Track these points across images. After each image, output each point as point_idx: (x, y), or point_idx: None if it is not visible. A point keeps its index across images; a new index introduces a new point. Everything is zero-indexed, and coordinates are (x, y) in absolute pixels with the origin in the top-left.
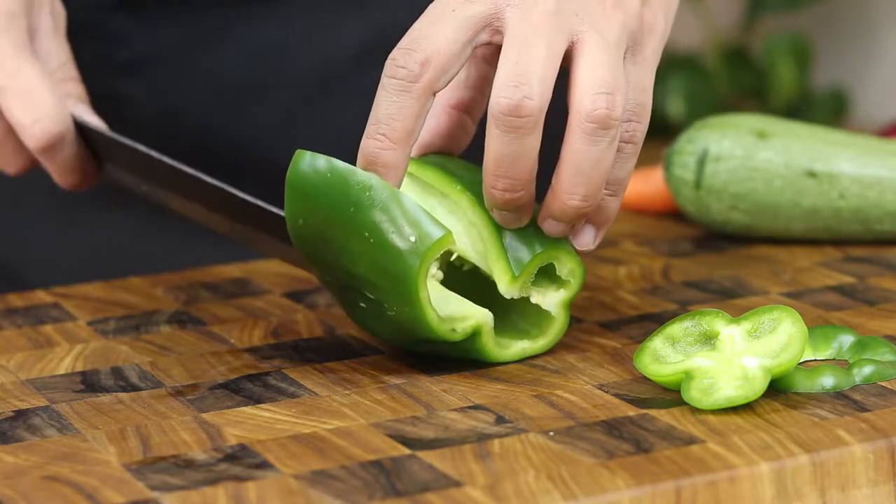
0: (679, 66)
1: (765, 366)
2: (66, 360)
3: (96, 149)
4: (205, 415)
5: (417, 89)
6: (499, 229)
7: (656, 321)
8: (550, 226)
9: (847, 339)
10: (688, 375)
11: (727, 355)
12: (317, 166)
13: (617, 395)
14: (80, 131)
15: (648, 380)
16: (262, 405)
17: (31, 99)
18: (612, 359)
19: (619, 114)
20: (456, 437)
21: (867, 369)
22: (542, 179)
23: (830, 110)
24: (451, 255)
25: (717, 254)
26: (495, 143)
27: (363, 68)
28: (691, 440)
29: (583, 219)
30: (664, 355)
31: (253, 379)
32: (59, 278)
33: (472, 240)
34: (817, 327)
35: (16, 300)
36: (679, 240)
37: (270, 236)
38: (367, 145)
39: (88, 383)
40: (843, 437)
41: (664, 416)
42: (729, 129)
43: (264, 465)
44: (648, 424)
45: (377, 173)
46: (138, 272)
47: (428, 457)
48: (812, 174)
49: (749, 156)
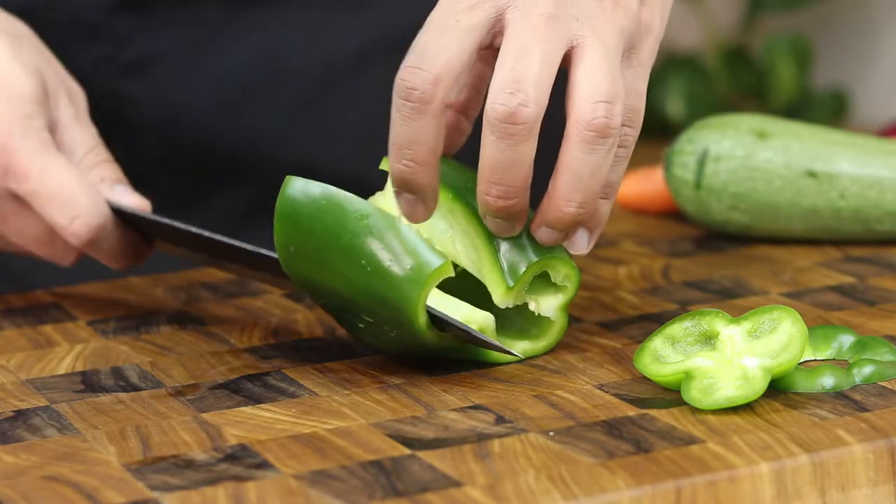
0: (679, 66)
1: (765, 366)
2: (66, 360)
3: (141, 228)
4: (205, 415)
5: (433, 110)
6: (492, 239)
7: (656, 321)
8: (544, 234)
9: (847, 339)
10: (688, 375)
11: (727, 355)
12: (310, 193)
13: (617, 395)
14: (121, 216)
15: (648, 380)
16: (262, 405)
17: (64, 199)
18: (612, 359)
19: (617, 122)
20: (456, 437)
21: (867, 369)
22: (535, 187)
23: (830, 110)
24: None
25: (717, 254)
26: (490, 149)
27: (364, 68)
28: (691, 440)
29: (578, 226)
30: (664, 355)
31: (253, 379)
32: (59, 278)
33: (465, 248)
34: (817, 327)
35: (16, 300)
36: (679, 240)
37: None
38: (397, 170)
39: (88, 383)
40: (843, 437)
41: (664, 416)
42: (729, 129)
43: (264, 465)
44: (648, 424)
45: (412, 193)
46: (138, 272)
47: (428, 457)
48: (812, 174)
49: (749, 156)
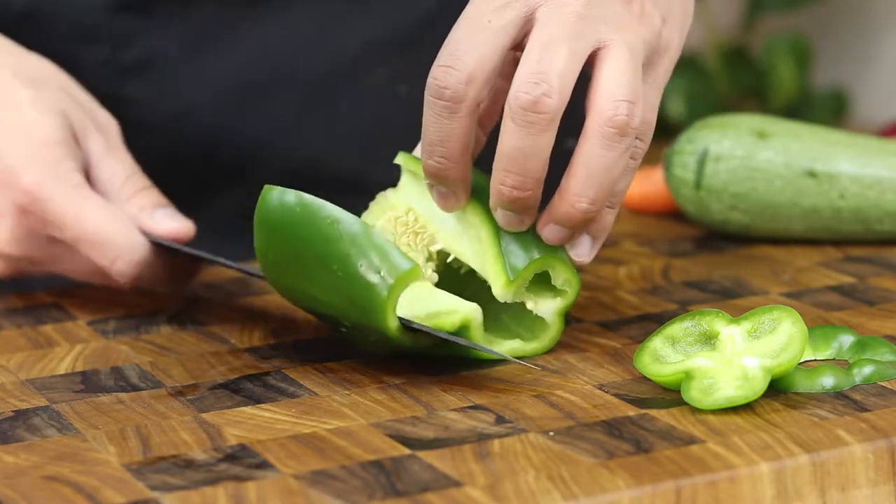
0: (679, 66)
1: (765, 366)
2: (66, 360)
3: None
4: (205, 415)
5: (465, 108)
6: (497, 233)
7: (656, 321)
8: (552, 231)
9: (847, 339)
10: (688, 375)
11: (727, 355)
12: (285, 201)
13: (617, 395)
14: (160, 246)
15: (648, 380)
16: (262, 405)
17: (102, 242)
18: (612, 359)
19: (636, 123)
20: (456, 437)
21: (867, 369)
22: (543, 191)
23: (830, 110)
24: (447, 256)
25: (717, 254)
26: (510, 137)
27: (367, 67)
28: (691, 440)
29: (585, 226)
30: (664, 355)
31: (253, 379)
32: (59, 278)
33: (469, 241)
34: (817, 327)
35: (16, 300)
36: (679, 240)
37: None
38: (430, 167)
39: (88, 383)
40: (843, 437)
41: (664, 416)
42: (729, 129)
43: (264, 465)
44: (648, 424)
45: (445, 187)
46: None
47: (428, 457)
48: (812, 174)
49: (749, 156)
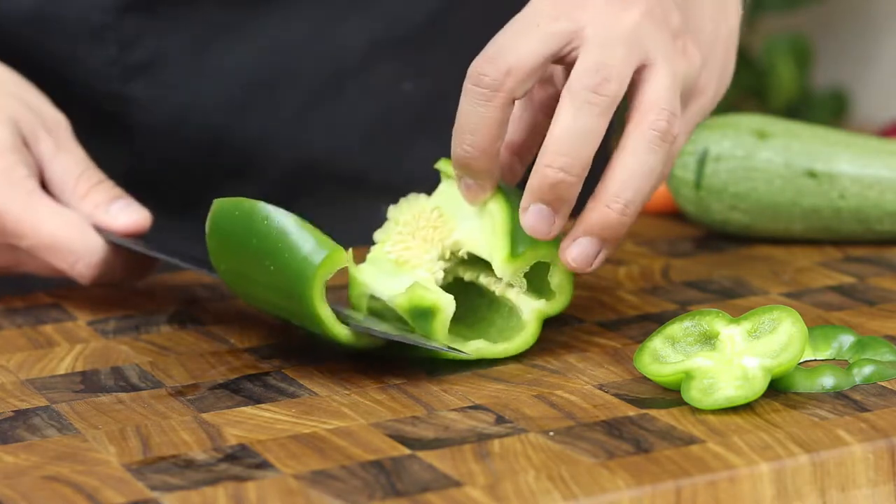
0: None
1: (765, 366)
2: (66, 360)
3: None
4: (205, 415)
5: (500, 98)
6: (513, 219)
7: (656, 321)
8: (579, 246)
9: (847, 339)
10: (688, 375)
11: (727, 355)
12: (227, 209)
13: (617, 395)
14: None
15: (648, 380)
16: (262, 405)
17: (59, 248)
18: (612, 359)
19: (675, 133)
20: (456, 437)
21: (867, 369)
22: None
23: (830, 110)
24: (458, 249)
25: (717, 254)
26: (565, 117)
27: (370, 65)
28: (691, 440)
29: (616, 237)
30: (664, 355)
31: (253, 379)
32: (59, 278)
33: (482, 223)
34: (817, 327)
35: (16, 300)
36: (679, 240)
37: None
38: (458, 154)
39: (88, 383)
40: (843, 437)
41: (664, 416)
42: (729, 129)
43: (264, 465)
44: (648, 424)
45: (471, 178)
46: None
47: (428, 457)
48: (812, 174)
49: (749, 156)
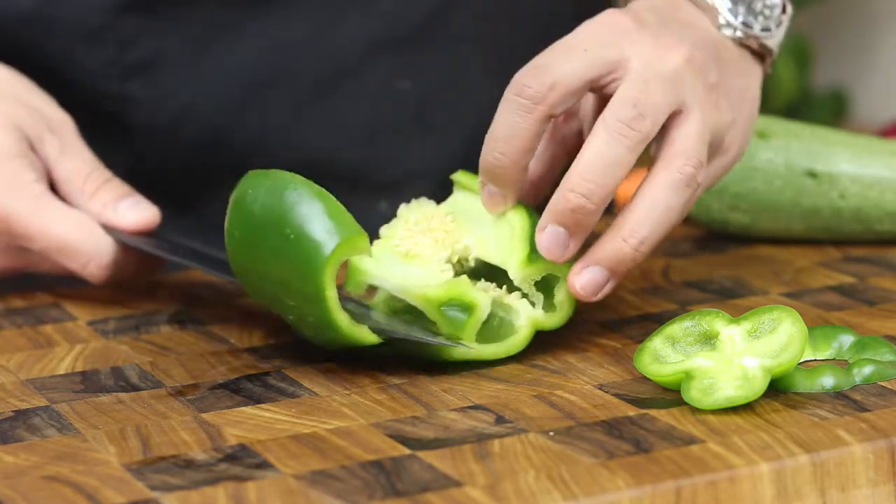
0: None
1: (765, 366)
2: (66, 360)
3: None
4: (205, 415)
5: (539, 111)
6: (533, 226)
7: (656, 321)
8: (590, 274)
9: (847, 339)
10: (688, 375)
11: (727, 355)
12: (259, 178)
13: (617, 395)
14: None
15: (648, 380)
16: (262, 405)
17: (70, 250)
18: (612, 359)
19: (699, 180)
20: (456, 437)
21: (867, 369)
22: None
23: (830, 110)
24: (468, 255)
25: (717, 254)
26: (597, 143)
27: (368, 65)
28: (691, 440)
29: (625, 270)
30: (664, 355)
31: (253, 379)
32: (59, 278)
33: (497, 231)
34: (817, 327)
35: (16, 300)
36: (679, 240)
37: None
38: (487, 161)
39: (88, 383)
40: (843, 437)
41: (664, 416)
42: None
43: (264, 465)
44: (648, 424)
45: (496, 187)
46: None
47: (428, 457)
48: (812, 174)
49: (749, 156)
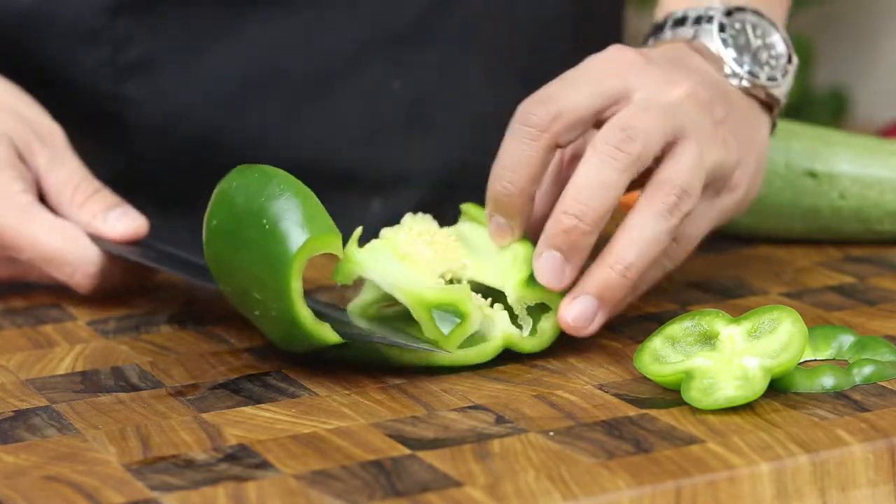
0: None
1: (765, 366)
2: (66, 360)
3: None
4: (205, 415)
5: (545, 139)
6: (531, 260)
7: (656, 321)
8: (581, 303)
9: (847, 339)
10: (688, 375)
11: (727, 355)
12: (247, 170)
13: (617, 395)
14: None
15: (648, 380)
16: (262, 405)
17: (57, 260)
18: (612, 359)
19: (685, 210)
20: (456, 437)
21: (867, 369)
22: None
23: (830, 110)
24: (462, 278)
25: (717, 254)
26: (588, 168)
27: (360, 66)
28: (691, 440)
29: (616, 297)
30: (664, 355)
31: (253, 379)
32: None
33: (498, 259)
34: (817, 327)
35: (16, 300)
36: None
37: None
38: (494, 190)
39: (88, 383)
40: (843, 437)
41: (664, 416)
42: None
43: (264, 465)
44: (648, 424)
45: (503, 217)
46: None
47: (428, 457)
48: (812, 174)
49: None
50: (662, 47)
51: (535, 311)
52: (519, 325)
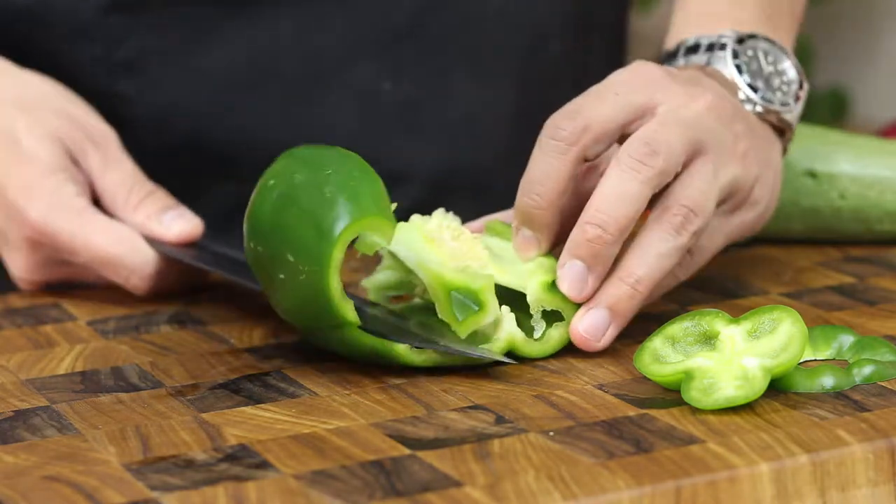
0: None
1: (765, 366)
2: (66, 360)
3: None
4: (205, 415)
5: (573, 153)
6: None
7: (656, 321)
8: (595, 314)
9: (847, 339)
10: (688, 375)
11: (727, 355)
12: (325, 147)
13: (617, 395)
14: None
15: (648, 380)
16: (262, 405)
17: (113, 263)
18: (612, 359)
19: (692, 229)
20: (456, 437)
21: (867, 369)
22: None
23: (830, 110)
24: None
25: (718, 254)
26: (610, 180)
27: (351, 66)
28: (691, 440)
29: (627, 308)
30: (664, 355)
31: (253, 379)
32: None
33: (521, 268)
34: (817, 327)
35: (16, 300)
36: None
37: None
38: (522, 203)
39: (88, 383)
40: (843, 437)
41: (664, 416)
42: None
43: (264, 465)
44: (648, 424)
45: (530, 230)
46: None
47: (428, 457)
48: (812, 174)
49: None
50: (681, 70)
51: (548, 319)
52: (529, 328)
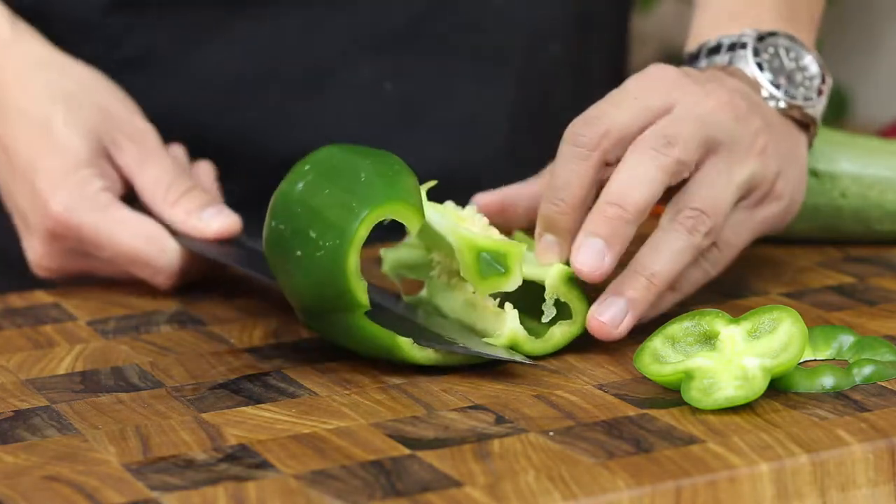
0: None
1: (765, 366)
2: (66, 360)
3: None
4: (205, 415)
5: (595, 158)
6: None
7: (656, 321)
8: (611, 304)
9: (847, 339)
10: (688, 375)
11: (727, 355)
12: (364, 147)
13: (617, 395)
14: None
15: (648, 380)
16: (262, 405)
17: (139, 260)
18: (612, 359)
19: (704, 230)
20: (456, 437)
21: (867, 369)
22: None
23: (831, 110)
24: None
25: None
26: (627, 166)
27: (352, 65)
28: (691, 440)
29: (645, 301)
30: (664, 355)
31: (253, 379)
32: (62, 279)
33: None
34: (817, 327)
35: (16, 300)
36: None
37: None
38: (547, 209)
39: (88, 383)
40: (843, 437)
41: (664, 416)
42: None
43: (264, 465)
44: (648, 424)
45: (553, 235)
46: None
47: (428, 457)
48: (813, 173)
49: None
50: (702, 71)
51: (553, 318)
52: (531, 328)
